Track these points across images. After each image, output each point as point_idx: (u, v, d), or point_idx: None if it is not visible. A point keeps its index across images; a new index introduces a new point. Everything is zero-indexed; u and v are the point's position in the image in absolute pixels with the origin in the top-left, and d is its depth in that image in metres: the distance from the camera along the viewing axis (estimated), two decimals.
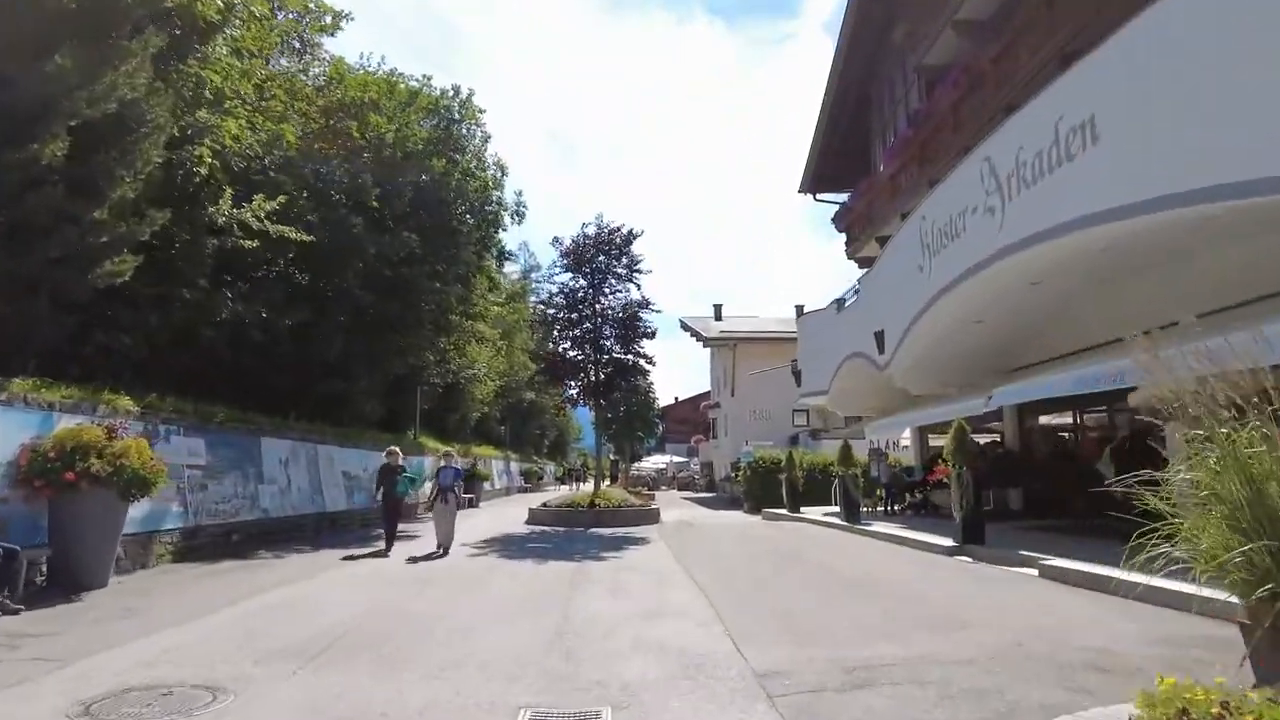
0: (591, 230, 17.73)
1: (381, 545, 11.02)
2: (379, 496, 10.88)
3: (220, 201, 11.27)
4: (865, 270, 19.33)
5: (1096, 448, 13.96)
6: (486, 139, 22.34)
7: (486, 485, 30.40)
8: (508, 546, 12.23)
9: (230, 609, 6.56)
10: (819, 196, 23.54)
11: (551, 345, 18.60)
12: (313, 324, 15.42)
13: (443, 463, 10.45)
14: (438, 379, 24.88)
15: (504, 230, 22.24)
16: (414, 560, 9.83)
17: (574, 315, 17.77)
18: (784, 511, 19.10)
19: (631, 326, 17.54)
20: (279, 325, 13.61)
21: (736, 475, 29.35)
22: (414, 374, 22.37)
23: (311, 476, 14.38)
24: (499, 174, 22.57)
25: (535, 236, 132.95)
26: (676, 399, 68.97)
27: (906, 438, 22.26)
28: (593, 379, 17.71)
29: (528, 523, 16.92)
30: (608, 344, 17.76)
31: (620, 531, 15.04)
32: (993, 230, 10.58)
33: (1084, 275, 10.79)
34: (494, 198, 21.20)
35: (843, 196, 22.88)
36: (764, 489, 23.57)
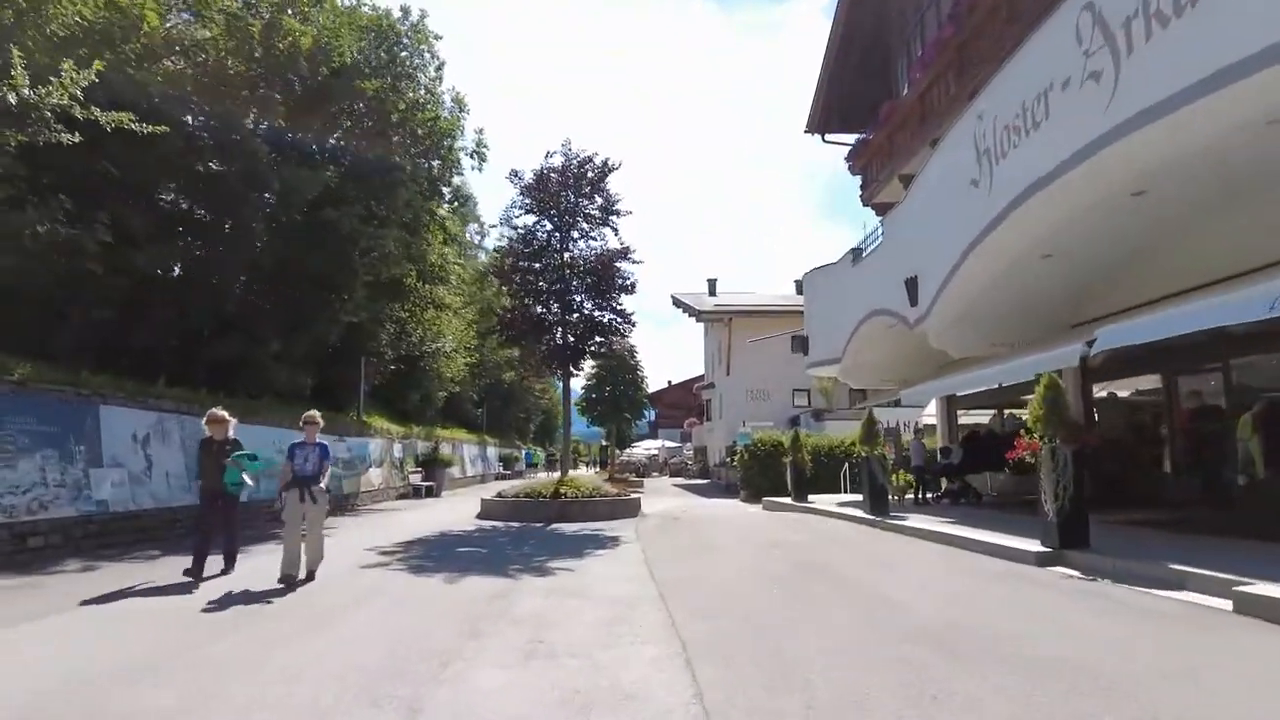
0: (557, 160, 14.52)
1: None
2: (196, 486, 7.22)
3: (14, 74, 8.02)
4: (885, 218, 16.24)
5: (1193, 420, 10.94)
6: (441, 67, 19.06)
7: (454, 471, 27.34)
8: (428, 553, 9.14)
9: None
10: (828, 137, 20.36)
11: (509, 300, 15.37)
12: (201, 267, 12.25)
13: (301, 437, 7.09)
14: (390, 350, 21.71)
15: (461, 174, 19.01)
16: (221, 599, 6.22)
17: (537, 265, 14.58)
18: (788, 500, 16.11)
19: (606, 278, 14.38)
20: (138, 260, 10.42)
21: (732, 460, 26.39)
22: (359, 342, 19.23)
23: (191, 459, 11.24)
24: (457, 110, 19.35)
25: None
26: (670, 383, 66.93)
27: (931, 415, 19.26)
28: (560, 341, 14.55)
29: (479, 516, 13.85)
30: (578, 299, 14.60)
31: (589, 528, 11.98)
32: (1098, 104, 7.44)
33: (1217, 174, 7.72)
34: (447, 134, 17.90)
35: (855, 138, 19.77)
36: (763, 474, 21.02)
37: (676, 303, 38.54)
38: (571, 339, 14.42)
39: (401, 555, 8.77)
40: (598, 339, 14.54)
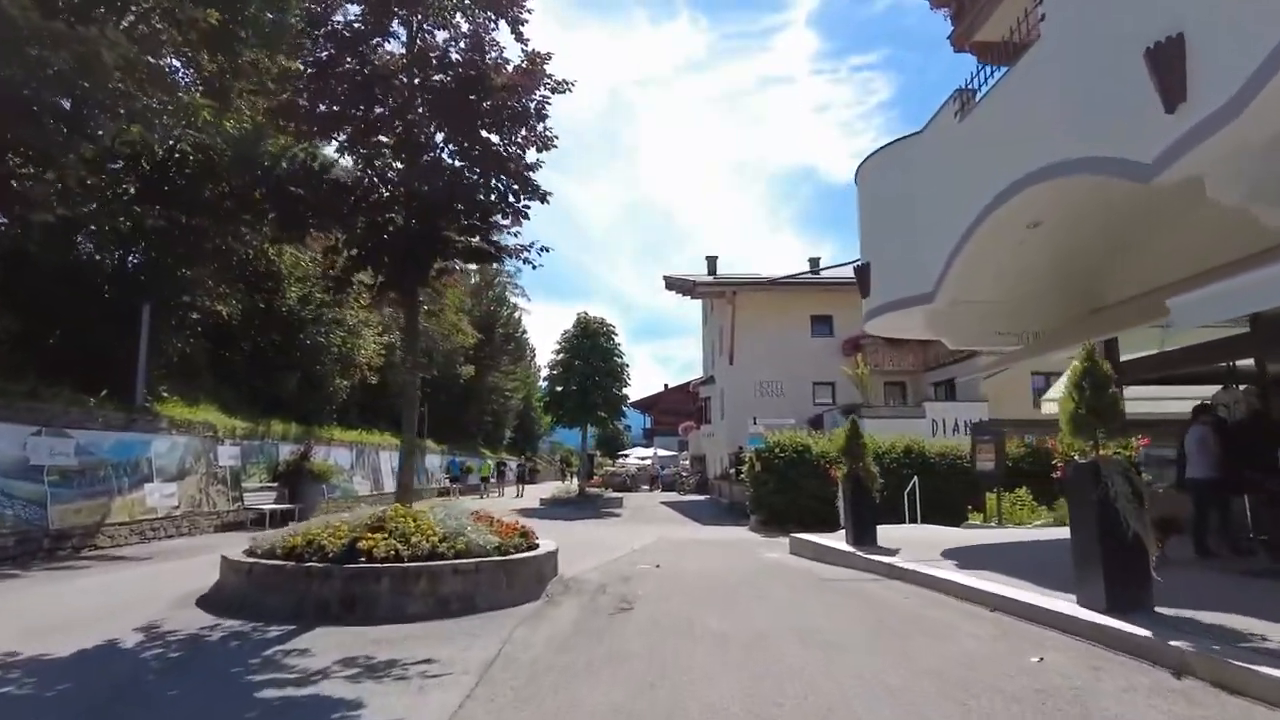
0: None
1: None
2: None
3: None
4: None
5: None
6: None
7: (360, 486, 19.98)
8: None
9: None
10: None
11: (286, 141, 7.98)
12: None
13: None
14: (224, 304, 14.37)
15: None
16: None
17: (342, 77, 7.18)
18: (838, 544, 8.80)
19: (469, 106, 6.99)
20: None
21: (737, 472, 19.05)
22: (164, 282, 11.98)
23: None
24: None
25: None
26: (666, 386, 61.79)
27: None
28: (398, 225, 7.13)
29: (199, 600, 6.43)
30: (432, 139, 7.23)
31: (374, 655, 4.58)
32: None
33: None
34: None
35: None
36: (782, 492, 15.11)
37: (670, 284, 31.06)
38: (416, 223, 7.00)
39: None
40: (468, 221, 7.10)
